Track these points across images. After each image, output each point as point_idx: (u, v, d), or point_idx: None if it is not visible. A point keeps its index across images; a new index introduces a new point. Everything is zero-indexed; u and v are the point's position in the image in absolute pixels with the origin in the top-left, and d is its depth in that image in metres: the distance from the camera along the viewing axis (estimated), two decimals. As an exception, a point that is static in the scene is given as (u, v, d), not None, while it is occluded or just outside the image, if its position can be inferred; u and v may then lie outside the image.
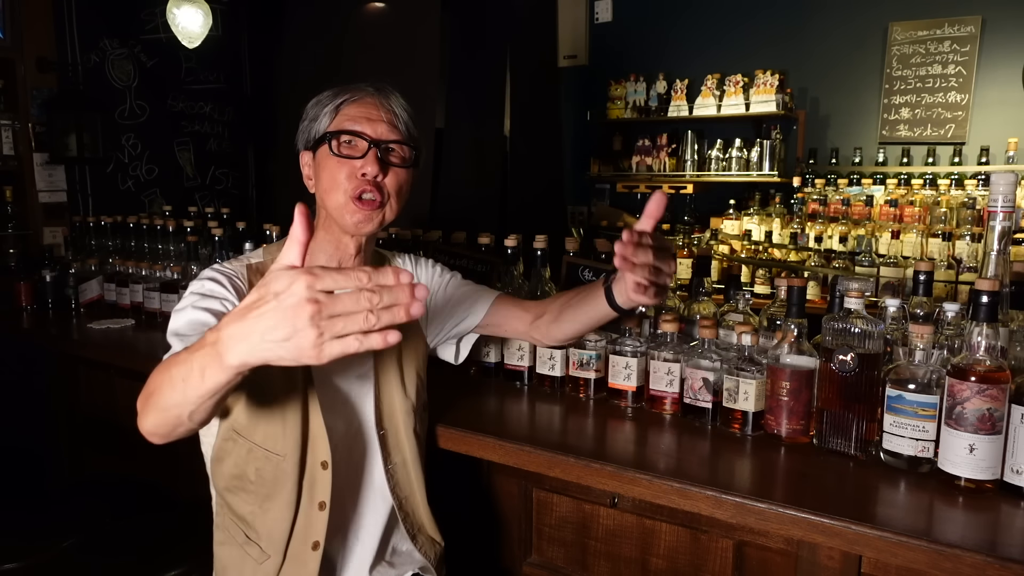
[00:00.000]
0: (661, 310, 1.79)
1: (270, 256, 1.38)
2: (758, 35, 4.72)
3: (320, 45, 4.97)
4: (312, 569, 1.29)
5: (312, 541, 1.29)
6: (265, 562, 1.29)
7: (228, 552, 1.34)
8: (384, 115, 1.33)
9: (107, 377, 2.47)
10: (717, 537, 1.38)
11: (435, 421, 1.53)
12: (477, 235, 2.17)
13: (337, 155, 1.30)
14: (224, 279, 1.29)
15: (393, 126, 1.33)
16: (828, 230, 3.60)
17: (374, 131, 1.31)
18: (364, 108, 1.32)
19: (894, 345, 1.43)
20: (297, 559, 1.29)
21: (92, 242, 3.19)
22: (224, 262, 1.36)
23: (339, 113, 1.32)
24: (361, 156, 1.30)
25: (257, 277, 1.33)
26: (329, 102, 1.34)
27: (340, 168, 1.30)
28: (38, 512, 1.98)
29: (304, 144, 1.38)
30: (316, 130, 1.34)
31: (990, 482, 1.21)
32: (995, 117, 4.17)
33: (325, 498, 1.29)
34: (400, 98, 1.37)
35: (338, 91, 1.35)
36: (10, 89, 3.72)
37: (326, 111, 1.33)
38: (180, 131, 4.64)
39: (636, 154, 5.05)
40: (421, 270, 1.58)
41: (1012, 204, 1.30)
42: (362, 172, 1.30)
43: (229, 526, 1.34)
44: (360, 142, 1.31)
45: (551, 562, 1.59)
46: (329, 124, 1.32)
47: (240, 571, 1.32)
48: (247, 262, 1.36)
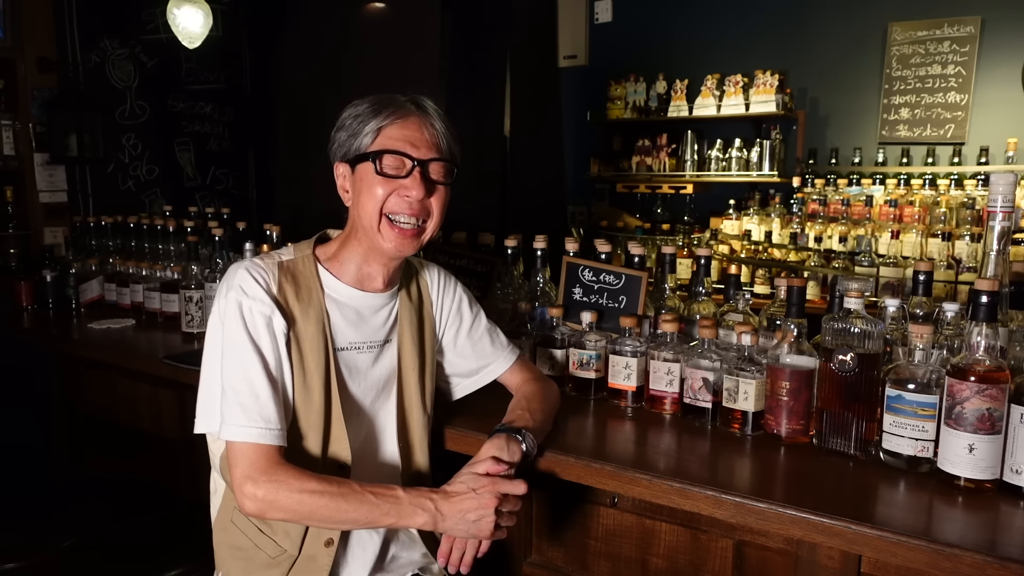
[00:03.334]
0: (661, 310, 1.79)
1: (301, 254, 1.39)
2: (758, 35, 4.72)
3: (320, 45, 4.97)
4: (323, 564, 1.31)
5: (326, 538, 1.31)
6: (280, 556, 1.31)
7: (234, 546, 1.35)
8: (428, 135, 1.32)
9: (108, 377, 2.47)
10: (717, 537, 1.38)
11: (441, 423, 1.54)
12: (477, 235, 2.17)
13: (381, 174, 1.30)
14: (259, 290, 1.29)
15: (436, 146, 1.33)
16: (828, 230, 3.60)
17: (418, 153, 1.30)
18: (408, 130, 1.31)
19: (894, 345, 1.43)
20: (310, 555, 1.31)
21: (92, 242, 3.19)
22: (255, 258, 1.37)
23: (381, 133, 1.30)
24: (406, 175, 1.30)
25: (288, 277, 1.34)
26: (370, 119, 1.31)
27: (383, 187, 1.30)
28: (39, 512, 1.98)
29: (341, 156, 1.36)
30: (357, 146, 1.32)
31: (989, 482, 1.21)
32: (995, 117, 4.17)
33: None
34: (440, 114, 1.36)
35: (379, 106, 1.32)
36: (11, 89, 3.72)
37: (368, 129, 1.31)
38: (180, 131, 4.64)
39: (636, 154, 5.05)
40: (448, 294, 1.55)
41: (1011, 204, 1.30)
42: (407, 194, 1.30)
43: (238, 520, 1.34)
44: (405, 161, 1.30)
45: (551, 562, 1.59)
46: (372, 143, 1.31)
47: (248, 564, 1.33)
48: (279, 259, 1.37)
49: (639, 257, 1.88)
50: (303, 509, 1.21)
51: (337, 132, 1.35)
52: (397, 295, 1.45)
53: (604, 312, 1.81)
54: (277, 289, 1.32)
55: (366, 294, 1.39)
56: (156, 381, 2.22)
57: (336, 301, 1.37)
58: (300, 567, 1.31)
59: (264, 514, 1.23)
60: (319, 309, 1.34)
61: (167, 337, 2.44)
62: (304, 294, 1.34)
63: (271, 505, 1.21)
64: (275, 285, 1.32)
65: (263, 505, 1.21)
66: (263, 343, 1.27)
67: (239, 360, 1.26)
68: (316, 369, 1.31)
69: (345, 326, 1.37)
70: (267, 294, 1.29)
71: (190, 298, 2.40)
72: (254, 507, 1.22)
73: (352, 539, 1.38)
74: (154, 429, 2.32)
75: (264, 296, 1.29)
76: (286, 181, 5.09)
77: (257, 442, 1.23)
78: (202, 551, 1.44)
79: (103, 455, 2.58)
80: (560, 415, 1.56)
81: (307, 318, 1.32)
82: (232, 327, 1.27)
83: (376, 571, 1.39)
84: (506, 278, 2.01)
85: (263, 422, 1.24)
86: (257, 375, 1.25)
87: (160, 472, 2.29)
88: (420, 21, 4.79)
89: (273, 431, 1.24)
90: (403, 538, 1.45)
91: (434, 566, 1.45)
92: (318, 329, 1.33)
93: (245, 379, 1.25)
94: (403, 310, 1.45)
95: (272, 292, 1.31)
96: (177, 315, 2.51)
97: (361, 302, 1.39)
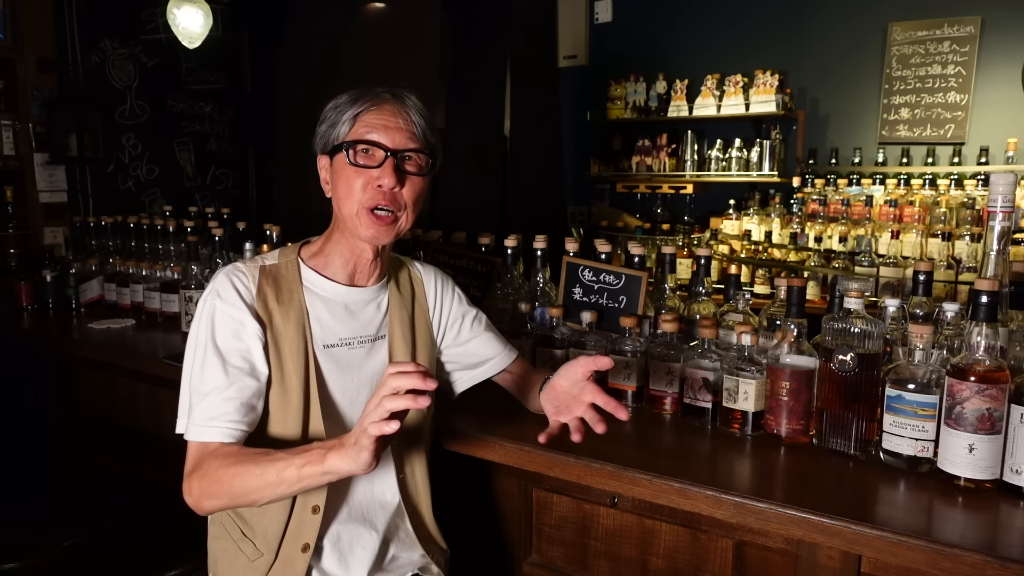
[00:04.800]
0: (661, 310, 1.79)
1: (285, 259, 1.39)
2: (758, 35, 4.72)
3: (320, 45, 4.97)
4: (299, 570, 1.31)
5: (302, 543, 1.31)
6: (257, 559, 1.31)
7: (222, 547, 1.36)
8: (402, 123, 1.32)
9: (107, 377, 2.47)
10: (717, 537, 1.38)
11: (440, 423, 1.54)
12: (477, 235, 2.17)
13: (354, 164, 1.30)
14: (233, 295, 1.30)
15: (411, 134, 1.32)
16: (828, 230, 3.60)
17: (391, 140, 1.30)
18: (382, 116, 1.31)
19: (894, 345, 1.43)
20: (287, 559, 1.31)
21: (92, 242, 3.19)
22: (239, 262, 1.38)
23: (357, 121, 1.31)
24: (378, 166, 1.30)
25: (269, 280, 1.34)
26: (348, 108, 1.32)
27: (356, 177, 1.30)
28: (39, 512, 1.98)
29: (321, 148, 1.37)
30: (334, 136, 1.33)
31: (989, 482, 1.21)
32: (995, 117, 4.17)
33: (319, 502, 1.31)
34: (418, 104, 1.36)
35: (356, 96, 1.33)
36: (11, 89, 3.72)
37: (344, 118, 1.32)
38: (180, 131, 4.64)
39: (636, 154, 5.05)
40: (447, 293, 1.56)
41: (1011, 204, 1.30)
42: (379, 183, 1.29)
43: (225, 521, 1.36)
44: (377, 151, 1.30)
45: (551, 562, 1.59)
46: (348, 132, 1.31)
47: (232, 566, 1.34)
48: (261, 263, 1.37)
49: (639, 257, 1.88)
50: (224, 486, 1.17)
51: (319, 125, 1.36)
52: (386, 288, 1.45)
53: (604, 312, 1.81)
54: (256, 292, 1.32)
55: (353, 289, 1.40)
56: (156, 381, 2.22)
57: (322, 298, 1.37)
58: (277, 571, 1.31)
59: (200, 505, 1.21)
60: (299, 310, 1.34)
61: (167, 337, 2.44)
62: (285, 296, 1.34)
63: (202, 493, 1.20)
64: (254, 288, 1.32)
65: (194, 497, 1.21)
66: (225, 346, 1.28)
67: (197, 361, 1.28)
68: (295, 370, 1.31)
69: (333, 322, 1.37)
70: (241, 300, 1.30)
71: (190, 298, 2.40)
72: (191, 500, 1.22)
73: (351, 540, 1.37)
74: (154, 429, 2.32)
75: (238, 301, 1.30)
76: (286, 181, 5.09)
77: (196, 439, 1.24)
78: (200, 552, 1.44)
79: (102, 455, 2.58)
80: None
81: (287, 320, 1.32)
82: (200, 329, 1.30)
83: (375, 571, 1.39)
84: (506, 278, 2.01)
85: (204, 420, 1.24)
86: (211, 375, 1.26)
87: (160, 472, 2.28)
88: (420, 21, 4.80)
89: (212, 428, 1.23)
90: (403, 538, 1.44)
91: (433, 567, 1.45)
92: (298, 330, 1.33)
93: (199, 378, 1.27)
94: (393, 304, 1.45)
95: (249, 297, 1.31)
96: (177, 315, 2.51)
97: (348, 297, 1.39)
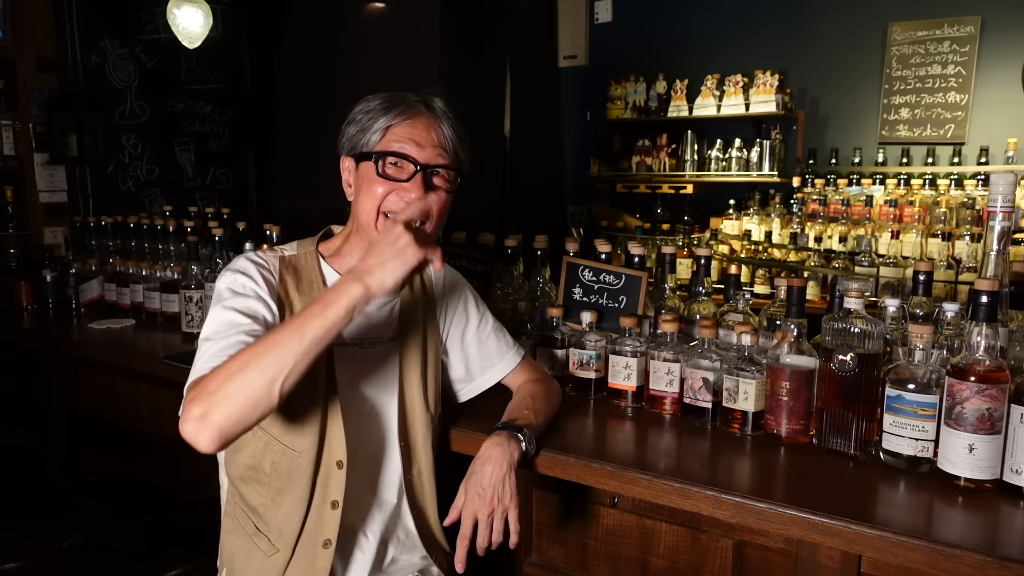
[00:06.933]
0: (661, 310, 1.79)
1: (304, 250, 1.39)
2: (758, 35, 4.72)
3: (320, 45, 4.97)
4: (322, 566, 1.29)
5: (323, 539, 1.30)
6: (274, 555, 1.30)
7: (236, 541, 1.35)
8: (435, 137, 1.31)
9: (107, 377, 2.47)
10: (717, 537, 1.38)
11: (446, 424, 1.53)
12: (477, 235, 2.17)
13: (382, 176, 1.29)
14: (254, 270, 1.29)
15: (442, 150, 1.31)
16: (828, 230, 3.60)
17: (422, 155, 1.29)
18: (415, 130, 1.30)
19: (894, 345, 1.43)
20: (307, 555, 1.30)
21: (92, 242, 3.19)
22: (258, 251, 1.37)
23: (388, 132, 1.30)
24: (407, 179, 1.29)
25: (289, 270, 1.34)
26: (380, 116, 1.30)
27: (383, 187, 1.30)
28: (39, 512, 1.98)
29: (347, 150, 1.35)
30: (363, 143, 1.32)
31: (989, 482, 1.21)
32: (995, 117, 4.17)
33: (338, 497, 1.30)
34: (451, 117, 1.34)
35: (390, 105, 1.31)
36: (10, 89, 3.72)
37: (376, 126, 1.30)
38: (180, 131, 4.64)
39: (636, 154, 5.05)
40: (454, 293, 1.55)
41: (1011, 204, 1.30)
42: (406, 195, 1.29)
43: (239, 515, 1.34)
44: (407, 165, 1.29)
45: (551, 562, 1.59)
46: (378, 142, 1.30)
47: (247, 561, 1.33)
48: (281, 254, 1.37)
49: (639, 257, 1.88)
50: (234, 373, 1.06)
51: (347, 125, 1.35)
52: (399, 291, 1.45)
53: (604, 312, 1.81)
54: (278, 280, 1.31)
55: None
56: (156, 381, 2.22)
57: None
58: (296, 568, 1.30)
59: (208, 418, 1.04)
60: None
61: (167, 337, 2.44)
62: (305, 287, 1.34)
63: (207, 406, 1.05)
64: (276, 276, 1.32)
65: (197, 418, 1.04)
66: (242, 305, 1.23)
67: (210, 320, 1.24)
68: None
69: None
70: (264, 280, 1.29)
71: (190, 298, 2.40)
72: (193, 427, 1.05)
73: (350, 542, 1.37)
74: (154, 429, 2.32)
75: (260, 280, 1.28)
76: (286, 181, 5.09)
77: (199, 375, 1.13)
78: (201, 551, 1.44)
79: (103, 455, 2.58)
80: (560, 415, 1.56)
81: None
82: (219, 294, 1.27)
83: (375, 573, 1.39)
84: (506, 278, 2.01)
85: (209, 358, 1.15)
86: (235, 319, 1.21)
87: (160, 472, 2.29)
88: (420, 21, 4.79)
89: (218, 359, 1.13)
90: (402, 540, 1.44)
91: (433, 568, 1.45)
92: None
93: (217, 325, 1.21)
94: (406, 307, 1.45)
95: (272, 280, 1.30)
96: (177, 315, 2.51)
97: None
